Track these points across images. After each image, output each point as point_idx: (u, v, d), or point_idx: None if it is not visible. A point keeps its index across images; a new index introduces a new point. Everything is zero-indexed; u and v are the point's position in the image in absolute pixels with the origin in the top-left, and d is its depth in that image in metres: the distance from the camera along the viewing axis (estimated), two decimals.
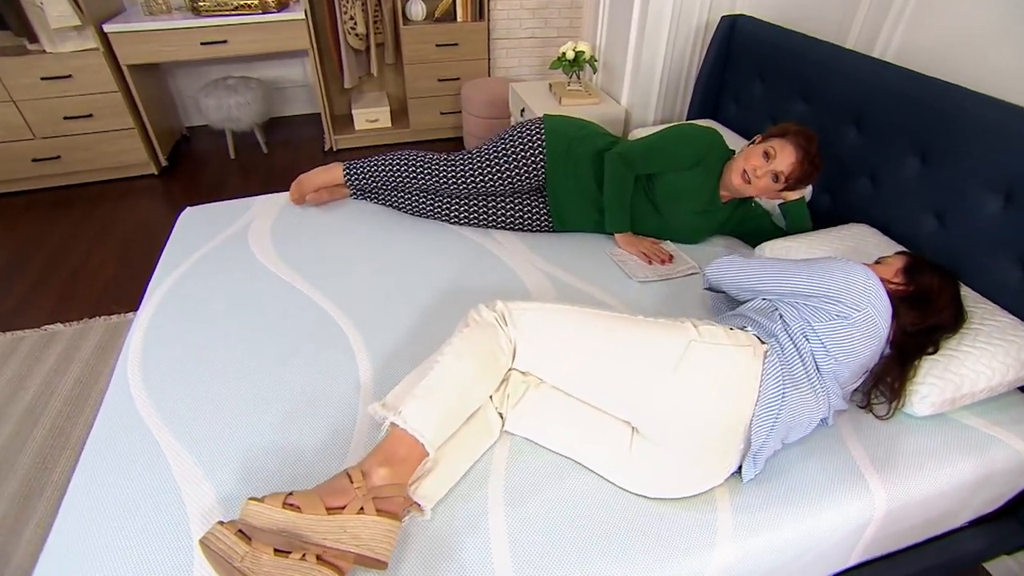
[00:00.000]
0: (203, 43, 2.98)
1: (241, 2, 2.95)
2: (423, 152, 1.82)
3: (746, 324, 1.14)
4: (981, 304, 1.33)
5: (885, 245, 1.51)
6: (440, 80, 3.47)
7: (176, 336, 1.36)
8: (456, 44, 3.37)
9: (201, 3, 2.91)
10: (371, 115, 3.56)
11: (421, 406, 0.99)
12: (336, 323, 1.41)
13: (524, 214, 1.81)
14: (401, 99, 3.72)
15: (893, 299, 1.15)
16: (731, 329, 1.10)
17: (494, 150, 1.76)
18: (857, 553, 1.19)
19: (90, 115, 2.96)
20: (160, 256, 1.65)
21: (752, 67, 2.09)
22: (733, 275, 1.28)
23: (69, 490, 1.03)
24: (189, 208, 1.86)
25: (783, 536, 1.03)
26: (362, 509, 0.90)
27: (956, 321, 1.22)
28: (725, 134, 2.06)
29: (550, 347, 1.10)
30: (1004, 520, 1.38)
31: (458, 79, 3.49)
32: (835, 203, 1.80)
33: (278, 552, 0.84)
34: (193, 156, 3.54)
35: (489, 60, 3.56)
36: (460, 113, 3.58)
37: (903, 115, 1.55)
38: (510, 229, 1.83)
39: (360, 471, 0.94)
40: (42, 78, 2.81)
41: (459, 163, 1.77)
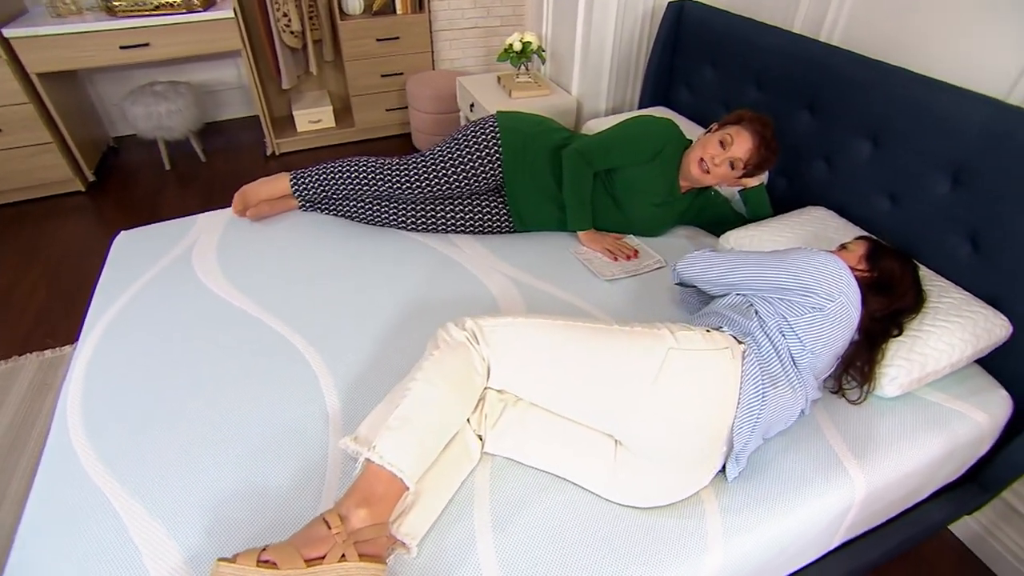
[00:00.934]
0: (123, 47, 2.76)
1: (162, 1, 2.75)
2: (374, 157, 1.74)
3: (722, 323, 1.13)
4: (936, 281, 1.37)
5: (844, 228, 1.54)
6: (383, 76, 3.35)
7: (120, 374, 1.25)
8: (397, 38, 3.25)
9: (116, 3, 2.69)
10: (313, 116, 3.41)
11: (396, 438, 0.94)
12: (296, 349, 1.33)
13: (483, 216, 1.75)
14: (344, 97, 3.58)
15: (861, 286, 1.16)
16: (708, 331, 1.08)
17: (448, 151, 1.70)
18: (839, 536, 1.22)
19: None
20: (96, 284, 1.52)
21: (702, 53, 2.09)
22: (704, 271, 1.27)
23: (8, 564, 0.93)
24: (124, 232, 1.72)
25: (771, 533, 1.04)
26: (343, 556, 0.84)
27: (918, 302, 1.25)
28: (678, 121, 2.05)
29: (526, 365, 1.06)
30: (966, 486, 1.43)
31: (402, 74, 3.38)
32: (792, 187, 1.83)
33: None
34: (124, 169, 3.31)
35: (433, 53, 3.46)
36: (407, 109, 3.48)
37: (853, 99, 1.57)
38: (470, 232, 1.77)
39: (337, 515, 0.88)
40: None
41: (413, 167, 1.70)
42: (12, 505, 1.57)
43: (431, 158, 1.70)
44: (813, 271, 1.11)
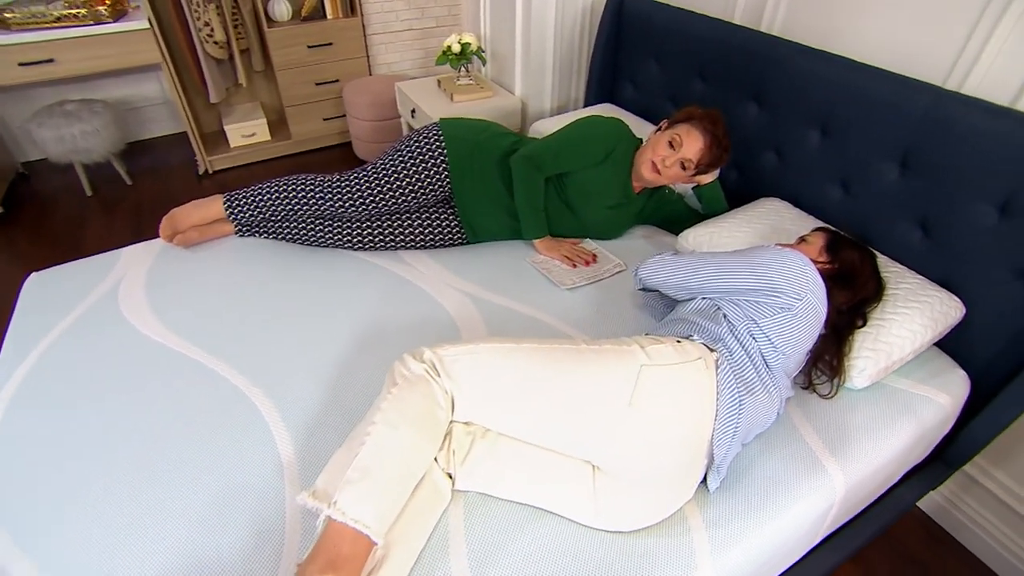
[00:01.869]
0: (22, 63, 2.52)
1: (63, 12, 2.52)
2: (313, 175, 1.63)
3: (691, 331, 1.09)
4: (892, 267, 1.38)
5: (800, 219, 1.53)
6: (318, 84, 3.20)
7: (38, 438, 1.12)
8: (330, 44, 3.11)
9: (8, 15, 2.44)
10: (246, 129, 3.22)
11: (358, 491, 0.86)
12: (242, 392, 1.21)
13: (433, 230, 1.67)
14: (278, 108, 3.40)
15: (825, 280, 1.15)
16: (678, 341, 1.04)
17: (391, 164, 1.61)
18: (822, 532, 1.21)
19: None
20: (5, 335, 1.36)
21: (645, 48, 2.06)
22: (667, 276, 1.24)
23: None
24: (35, 273, 1.55)
25: (757, 542, 1.01)
26: None
27: (878, 291, 1.25)
28: (625, 117, 2.03)
29: (491, 395, 0.99)
30: (933, 464, 1.46)
31: (338, 81, 3.24)
32: (744, 178, 1.82)
33: None
34: (38, 198, 3.05)
35: (368, 58, 3.33)
36: (345, 117, 3.34)
37: (797, 88, 1.57)
38: (420, 248, 1.69)
39: None
40: None
41: (355, 182, 1.60)
42: None
43: (374, 173, 1.61)
44: (779, 270, 1.09)
